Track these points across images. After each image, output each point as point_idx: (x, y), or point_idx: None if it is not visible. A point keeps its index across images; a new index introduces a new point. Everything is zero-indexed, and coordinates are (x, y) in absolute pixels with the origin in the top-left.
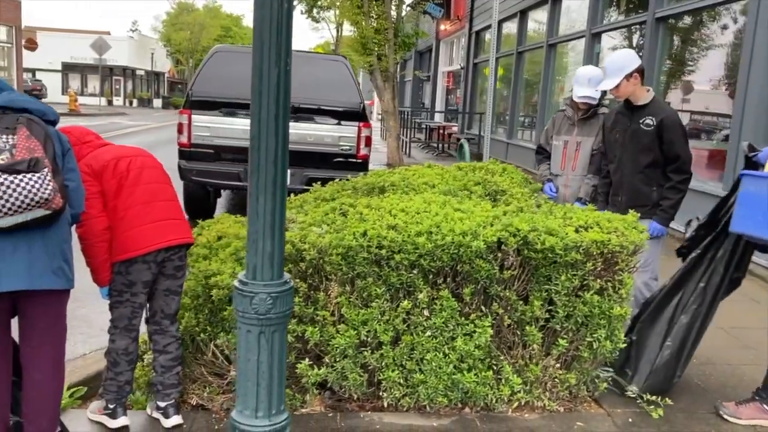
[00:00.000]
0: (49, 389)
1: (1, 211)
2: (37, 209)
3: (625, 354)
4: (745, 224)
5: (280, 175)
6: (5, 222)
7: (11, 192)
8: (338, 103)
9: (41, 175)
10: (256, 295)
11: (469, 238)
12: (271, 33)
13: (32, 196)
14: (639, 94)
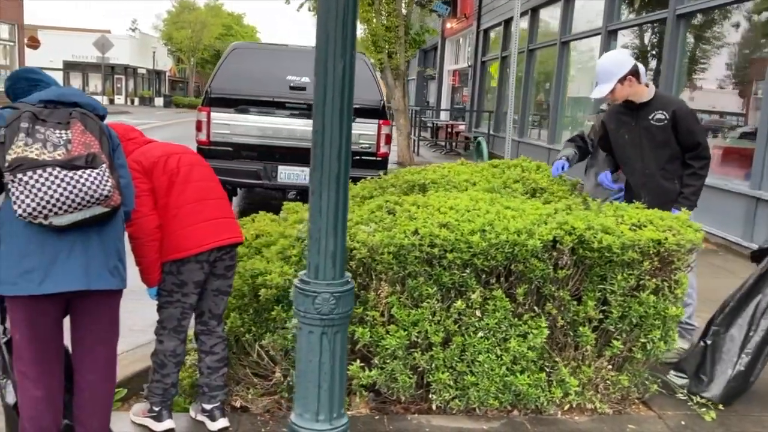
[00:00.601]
0: (101, 391)
1: (61, 208)
2: (95, 206)
3: (700, 359)
4: None
5: (343, 171)
6: (64, 220)
7: (71, 188)
8: (358, 101)
9: (100, 171)
10: (319, 295)
11: (524, 237)
12: (337, 25)
13: (92, 192)
14: (640, 93)
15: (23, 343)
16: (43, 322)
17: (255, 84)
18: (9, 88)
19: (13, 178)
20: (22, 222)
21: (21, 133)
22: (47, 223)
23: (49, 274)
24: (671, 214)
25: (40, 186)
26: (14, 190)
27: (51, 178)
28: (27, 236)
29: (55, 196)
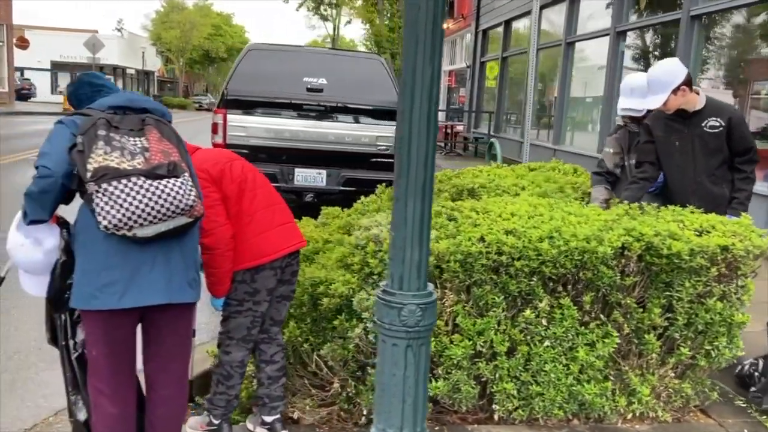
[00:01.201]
0: (176, 407)
1: (146, 219)
2: (179, 217)
3: None
4: None
5: (429, 179)
6: (148, 231)
7: (156, 198)
8: (376, 102)
9: (183, 180)
10: (405, 307)
11: (594, 244)
12: (426, 30)
13: (177, 203)
14: (692, 102)
15: (100, 359)
16: (119, 336)
17: (271, 85)
18: (72, 94)
19: (98, 188)
20: (102, 233)
21: (99, 141)
22: (131, 234)
23: (130, 287)
24: (731, 219)
25: (125, 197)
26: (98, 200)
27: (135, 188)
28: (107, 248)
29: (140, 206)
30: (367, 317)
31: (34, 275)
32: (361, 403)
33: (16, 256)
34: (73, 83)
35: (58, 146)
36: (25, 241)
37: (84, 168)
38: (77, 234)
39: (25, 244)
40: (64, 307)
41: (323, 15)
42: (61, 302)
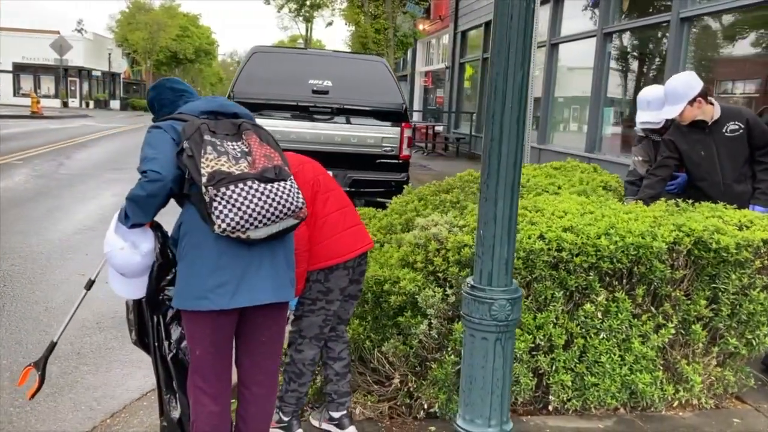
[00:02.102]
0: (267, 405)
1: (261, 221)
2: (288, 219)
3: None
4: None
5: (517, 180)
6: (260, 233)
7: (271, 201)
8: (381, 104)
9: (291, 183)
10: (496, 302)
11: (648, 239)
12: (518, 34)
13: (288, 205)
14: (708, 113)
15: (206, 359)
16: (224, 335)
17: (277, 88)
18: (154, 99)
19: (217, 191)
20: (212, 235)
21: (208, 146)
22: (245, 236)
23: (240, 287)
24: (757, 211)
25: (242, 200)
26: (217, 204)
27: (252, 191)
28: (218, 250)
29: (256, 209)
30: (432, 313)
31: (129, 278)
32: (421, 397)
33: (114, 259)
34: (154, 87)
35: (164, 150)
36: (124, 245)
37: (197, 172)
38: (183, 236)
39: (125, 248)
40: (160, 309)
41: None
42: (156, 304)
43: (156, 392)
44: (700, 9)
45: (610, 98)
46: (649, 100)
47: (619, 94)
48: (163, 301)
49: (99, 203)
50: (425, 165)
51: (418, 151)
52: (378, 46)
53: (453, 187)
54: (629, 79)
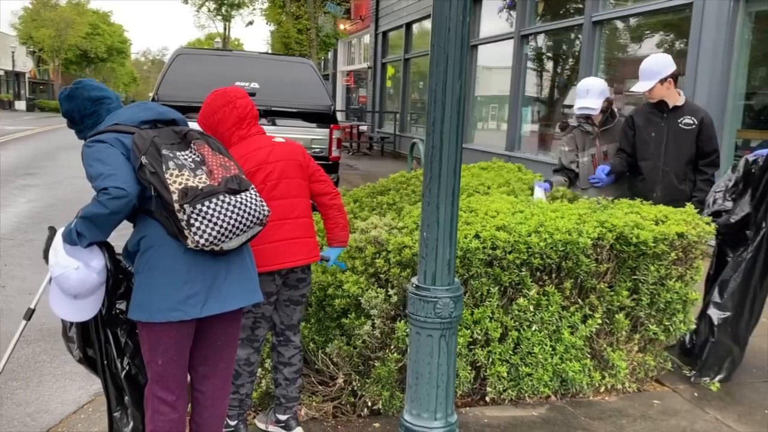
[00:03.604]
0: (222, 406)
1: (234, 233)
2: (256, 227)
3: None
4: None
5: (458, 184)
6: (233, 243)
7: (242, 213)
8: (309, 106)
9: (253, 191)
10: (440, 300)
11: (574, 236)
12: (455, 46)
13: (256, 214)
14: (674, 97)
15: (170, 369)
16: (186, 343)
17: (203, 90)
18: (73, 110)
19: (193, 209)
20: (182, 248)
21: (169, 161)
22: (218, 248)
23: (210, 295)
24: (680, 210)
25: (218, 214)
26: (193, 221)
27: (224, 205)
28: (188, 262)
29: (231, 222)
30: (375, 314)
31: (79, 300)
32: (364, 395)
33: (68, 281)
34: (69, 98)
35: (120, 166)
36: (78, 264)
37: (166, 189)
38: (146, 250)
39: (79, 267)
40: (116, 324)
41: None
42: (112, 320)
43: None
44: (610, 13)
45: (528, 98)
46: (588, 89)
47: (536, 93)
48: (117, 316)
49: (14, 211)
50: (352, 165)
51: (343, 150)
52: (301, 47)
53: (388, 188)
54: (545, 79)
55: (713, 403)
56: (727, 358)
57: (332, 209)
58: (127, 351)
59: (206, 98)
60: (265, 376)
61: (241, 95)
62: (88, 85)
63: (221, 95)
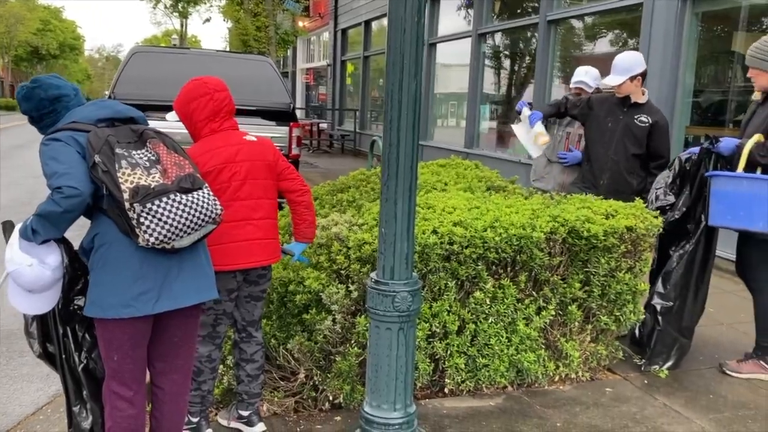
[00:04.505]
0: (182, 402)
1: (186, 232)
2: (209, 225)
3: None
4: (724, 219)
5: (415, 181)
6: (184, 242)
7: (193, 212)
8: (268, 104)
9: (206, 190)
10: (398, 294)
11: (528, 230)
12: (411, 47)
13: (208, 212)
14: (638, 94)
15: (125, 365)
16: (141, 339)
17: (161, 88)
18: (31, 110)
19: (143, 207)
20: (133, 245)
21: (122, 159)
22: (170, 246)
23: (162, 292)
24: (630, 204)
25: (168, 213)
26: (144, 219)
27: (175, 204)
28: (140, 259)
29: (182, 221)
30: (336, 309)
31: (35, 294)
32: (326, 390)
33: (23, 277)
34: (26, 98)
35: (73, 164)
36: (32, 261)
37: (117, 188)
38: (100, 247)
39: (33, 264)
40: (73, 320)
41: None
42: (69, 315)
43: (51, 405)
44: (564, 12)
45: (486, 95)
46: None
47: (494, 91)
48: (75, 312)
49: None
50: (312, 162)
51: (303, 148)
52: (259, 44)
53: (348, 186)
54: (503, 77)
55: (662, 390)
56: (674, 346)
57: (300, 206)
58: (85, 345)
59: (185, 84)
60: (227, 373)
61: (221, 88)
62: (45, 84)
63: (201, 85)
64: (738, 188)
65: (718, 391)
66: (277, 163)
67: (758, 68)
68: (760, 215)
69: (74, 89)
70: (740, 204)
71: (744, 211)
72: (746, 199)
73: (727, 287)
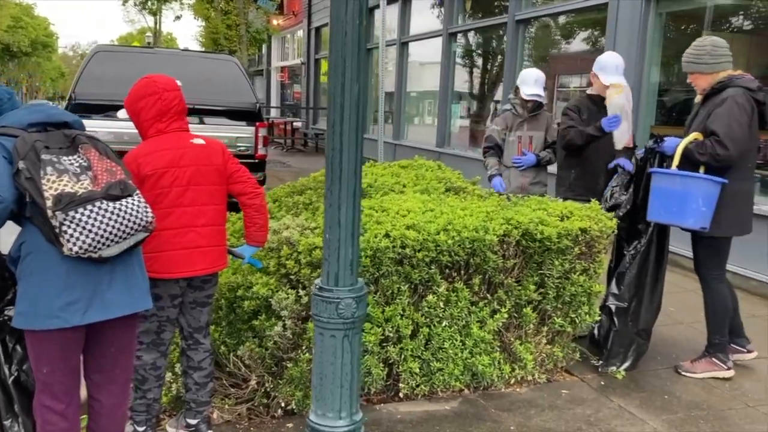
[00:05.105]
0: (120, 414)
1: (113, 240)
2: (139, 233)
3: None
4: (659, 214)
5: (359, 185)
6: (113, 251)
7: (121, 220)
8: (234, 104)
9: (137, 197)
10: (342, 301)
11: (481, 233)
12: (353, 49)
13: (138, 221)
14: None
15: (56, 377)
16: (72, 351)
17: (123, 88)
18: None
19: (65, 215)
20: (59, 254)
21: (47, 166)
22: (96, 255)
23: (92, 303)
24: (584, 206)
25: (92, 221)
26: (66, 228)
27: (101, 212)
28: (67, 268)
29: (108, 230)
30: (286, 315)
31: None
32: (278, 396)
33: None
34: None
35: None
36: None
37: (40, 195)
38: (26, 256)
39: None
40: (3, 331)
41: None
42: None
43: None
44: (533, 12)
45: (457, 94)
46: (536, 78)
47: (465, 90)
48: (5, 323)
49: None
50: (285, 162)
51: (278, 147)
52: (230, 43)
53: (307, 188)
54: (474, 76)
55: (618, 391)
56: (631, 347)
57: (251, 209)
58: (15, 357)
59: (136, 82)
60: (176, 380)
61: (171, 87)
62: None
63: (150, 84)
64: (672, 185)
65: (673, 392)
66: (227, 166)
67: (695, 72)
68: (691, 212)
69: (9, 93)
70: (674, 200)
71: (677, 208)
72: (679, 196)
73: (689, 286)
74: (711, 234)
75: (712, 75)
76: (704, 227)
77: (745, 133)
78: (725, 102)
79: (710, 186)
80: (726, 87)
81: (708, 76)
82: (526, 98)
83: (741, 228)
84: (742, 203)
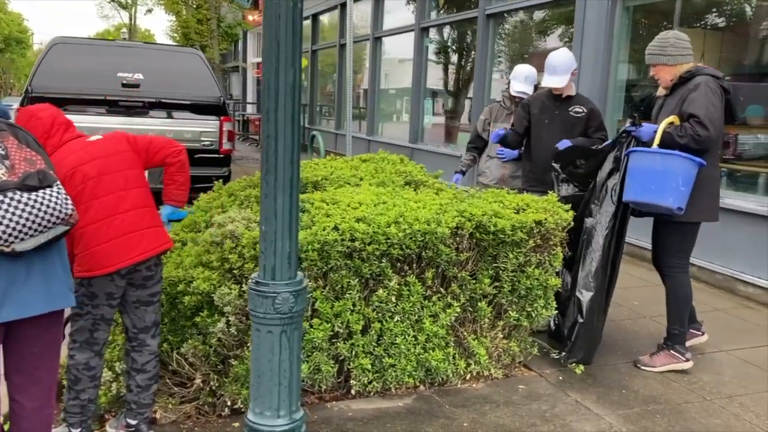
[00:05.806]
0: (45, 416)
1: (27, 233)
2: (58, 226)
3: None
4: (637, 193)
5: (296, 175)
6: (28, 245)
7: (36, 212)
8: (198, 97)
9: (57, 188)
10: (279, 295)
11: (433, 226)
12: (287, 34)
13: (56, 213)
14: (569, 88)
15: None
16: None
17: (83, 81)
18: None
19: None
20: None
21: None
22: (9, 250)
23: (6, 300)
24: (542, 198)
25: (3, 213)
26: None
27: (14, 203)
28: None
29: (20, 222)
30: (229, 311)
31: None
32: (224, 395)
33: None
34: None
35: None
36: None
37: None
38: None
39: None
40: None
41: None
42: None
43: None
44: (503, 6)
45: (429, 90)
46: (526, 75)
47: (438, 86)
48: None
49: None
50: (258, 158)
51: (252, 144)
52: (201, 37)
53: None
54: (447, 71)
55: (575, 386)
56: (593, 339)
57: (173, 167)
58: None
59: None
60: (116, 379)
61: (43, 108)
62: None
63: (24, 113)
64: (652, 164)
65: (631, 386)
66: (137, 146)
67: (659, 63)
68: (670, 191)
69: None
70: (652, 179)
71: (656, 186)
72: (659, 175)
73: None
74: (686, 218)
75: (676, 67)
76: (681, 207)
77: (720, 116)
78: (698, 87)
79: (690, 165)
80: (694, 75)
81: (671, 68)
82: (513, 95)
83: (712, 214)
84: (714, 189)
